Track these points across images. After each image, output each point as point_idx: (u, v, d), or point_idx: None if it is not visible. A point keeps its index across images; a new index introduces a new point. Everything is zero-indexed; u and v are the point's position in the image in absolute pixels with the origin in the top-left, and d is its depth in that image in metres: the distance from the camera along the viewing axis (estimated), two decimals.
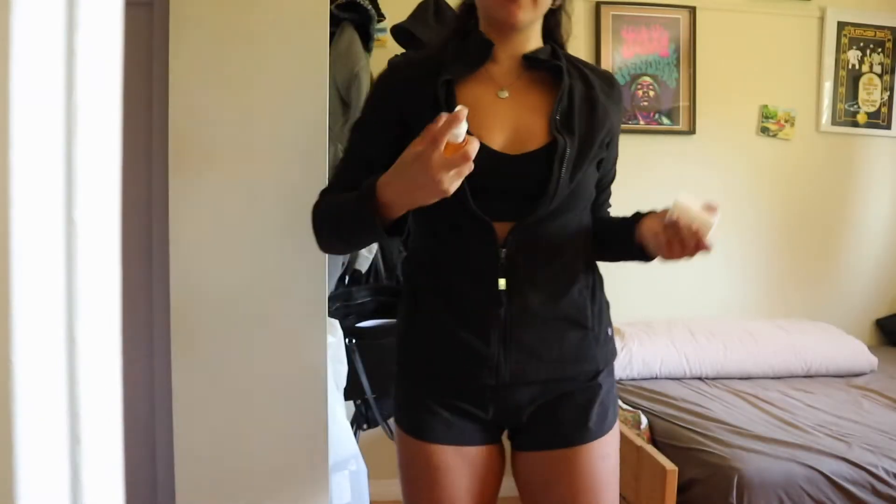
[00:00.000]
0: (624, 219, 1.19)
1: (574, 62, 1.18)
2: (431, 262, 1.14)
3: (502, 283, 1.08)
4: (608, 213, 1.28)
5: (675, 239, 1.02)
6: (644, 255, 1.13)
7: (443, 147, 0.88)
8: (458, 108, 0.89)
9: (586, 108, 1.13)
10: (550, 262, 1.11)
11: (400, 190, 0.95)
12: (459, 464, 1.12)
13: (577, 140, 1.09)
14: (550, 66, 1.13)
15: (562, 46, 1.19)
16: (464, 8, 1.18)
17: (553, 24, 1.19)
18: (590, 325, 1.14)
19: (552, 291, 1.11)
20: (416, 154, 0.90)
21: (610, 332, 1.21)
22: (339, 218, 1.07)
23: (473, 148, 0.88)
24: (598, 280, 1.20)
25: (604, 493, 1.12)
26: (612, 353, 1.21)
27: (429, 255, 1.15)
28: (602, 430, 1.13)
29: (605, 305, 1.21)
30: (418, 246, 1.17)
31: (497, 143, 1.08)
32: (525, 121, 1.10)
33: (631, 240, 1.12)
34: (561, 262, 1.13)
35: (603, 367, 1.17)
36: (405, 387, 1.18)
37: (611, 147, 1.19)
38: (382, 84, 1.18)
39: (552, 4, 1.13)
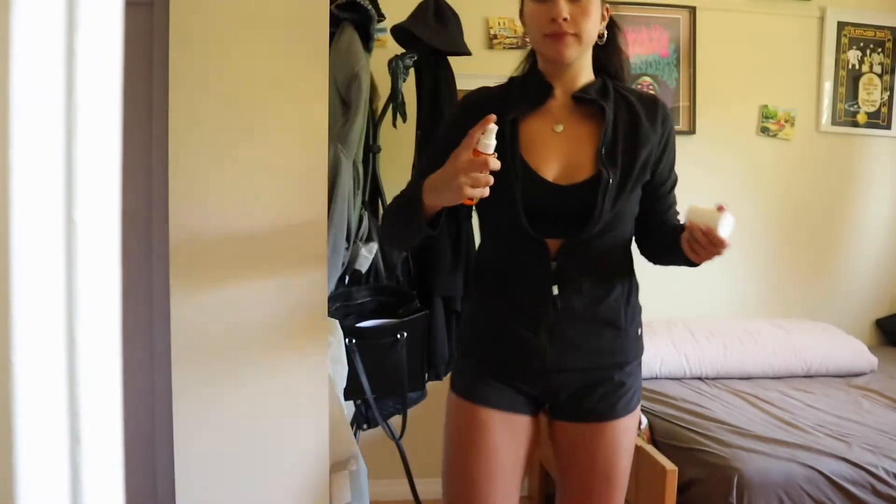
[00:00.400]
0: (676, 227, 1.35)
1: (621, 91, 1.34)
2: (497, 270, 1.36)
3: (555, 289, 1.29)
4: (674, 218, 1.43)
5: (692, 240, 1.21)
6: (689, 261, 1.30)
7: (471, 150, 1.10)
8: (489, 120, 1.11)
9: (630, 138, 1.30)
10: (593, 273, 1.32)
11: (433, 186, 1.17)
12: (503, 426, 1.33)
13: (619, 171, 1.27)
14: (596, 104, 1.31)
15: (614, 77, 1.36)
16: (530, 51, 1.40)
17: (604, 59, 1.37)
18: (623, 326, 1.34)
19: (593, 297, 1.31)
20: (452, 154, 1.13)
21: (640, 332, 1.41)
22: (396, 213, 1.32)
23: (493, 162, 1.10)
24: (633, 287, 1.39)
25: (621, 456, 1.35)
26: (641, 349, 1.42)
27: (496, 264, 1.37)
28: (627, 411, 1.34)
29: (637, 309, 1.40)
30: (486, 256, 1.40)
31: (551, 174, 1.28)
32: (574, 153, 1.30)
33: (677, 248, 1.29)
34: (602, 273, 1.33)
35: (633, 360, 1.37)
36: (468, 363, 1.39)
37: (661, 161, 1.34)
38: (461, 109, 1.40)
39: (599, 41, 1.33)
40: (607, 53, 1.36)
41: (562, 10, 1.22)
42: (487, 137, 1.10)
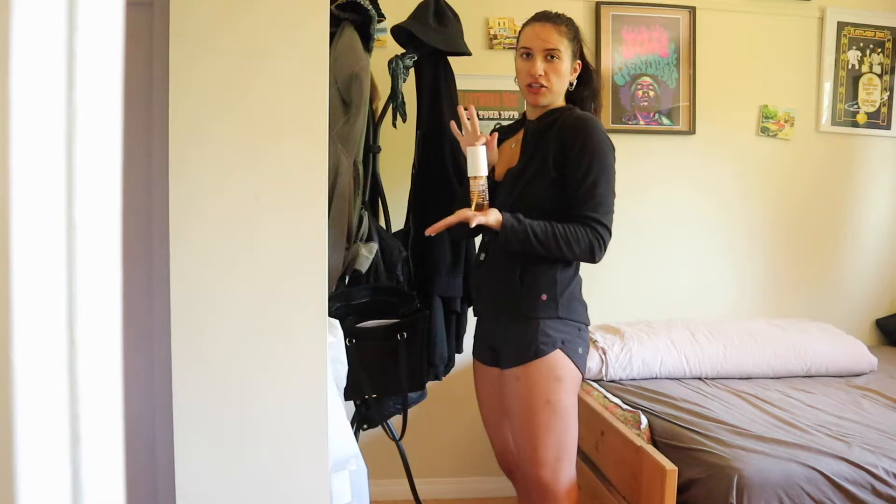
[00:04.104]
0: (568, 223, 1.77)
1: (565, 117, 1.74)
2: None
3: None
4: (578, 218, 1.81)
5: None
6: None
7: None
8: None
9: (545, 147, 1.74)
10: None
11: None
12: None
13: (526, 170, 1.78)
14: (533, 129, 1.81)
15: (584, 107, 1.80)
16: None
17: (577, 96, 1.82)
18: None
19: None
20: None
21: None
22: None
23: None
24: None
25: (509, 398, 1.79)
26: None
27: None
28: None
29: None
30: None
31: (499, 174, 1.86)
32: (514, 160, 1.84)
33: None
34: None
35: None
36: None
37: (565, 165, 1.71)
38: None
39: (570, 87, 1.80)
40: (583, 94, 1.82)
41: (538, 69, 1.72)
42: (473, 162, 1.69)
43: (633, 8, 2.86)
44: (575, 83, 1.80)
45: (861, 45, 3.04)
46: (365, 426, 1.98)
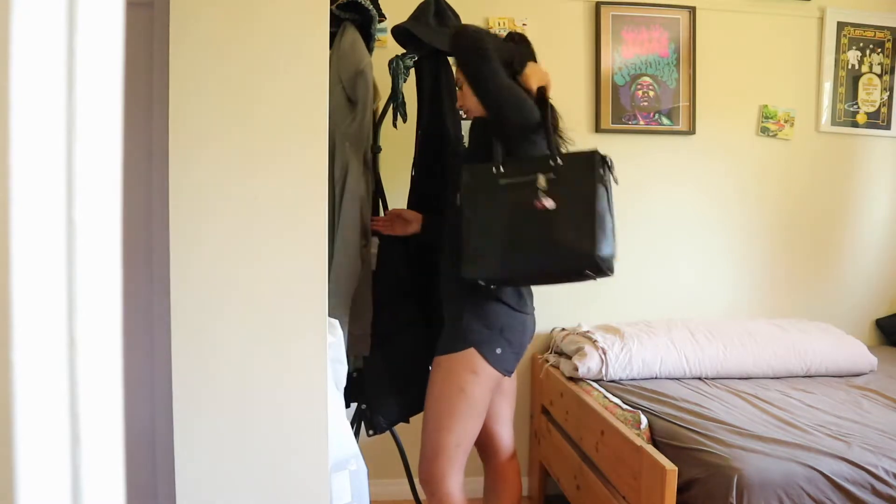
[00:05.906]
0: None
1: None
2: None
3: None
4: None
5: None
6: None
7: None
8: None
9: None
10: None
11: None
12: None
13: None
14: None
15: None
16: None
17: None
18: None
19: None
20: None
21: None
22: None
23: None
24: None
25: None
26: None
27: None
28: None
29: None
30: None
31: None
32: None
33: None
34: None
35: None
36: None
37: None
38: None
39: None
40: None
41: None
42: None
43: (633, 8, 2.86)
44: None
45: (861, 45, 3.04)
46: (371, 432, 1.98)
